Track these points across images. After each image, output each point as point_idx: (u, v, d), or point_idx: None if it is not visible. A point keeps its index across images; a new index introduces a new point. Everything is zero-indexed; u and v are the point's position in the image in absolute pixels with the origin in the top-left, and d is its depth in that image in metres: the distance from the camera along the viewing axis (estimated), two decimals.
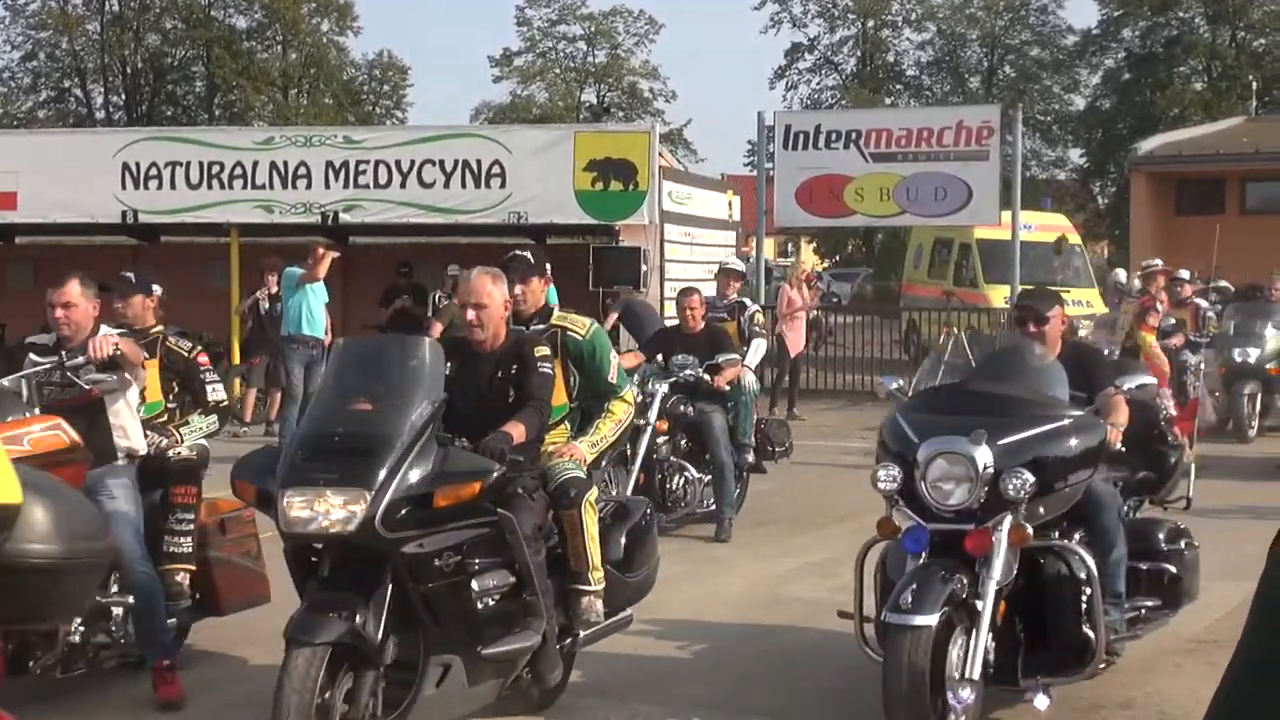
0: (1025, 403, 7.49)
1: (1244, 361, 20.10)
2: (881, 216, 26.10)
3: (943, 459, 7.15)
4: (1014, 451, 7.15)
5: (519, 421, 7.17)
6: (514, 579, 7.15)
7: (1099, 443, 7.46)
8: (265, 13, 73.62)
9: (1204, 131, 47.42)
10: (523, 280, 8.67)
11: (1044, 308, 8.23)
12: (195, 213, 22.50)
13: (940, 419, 7.41)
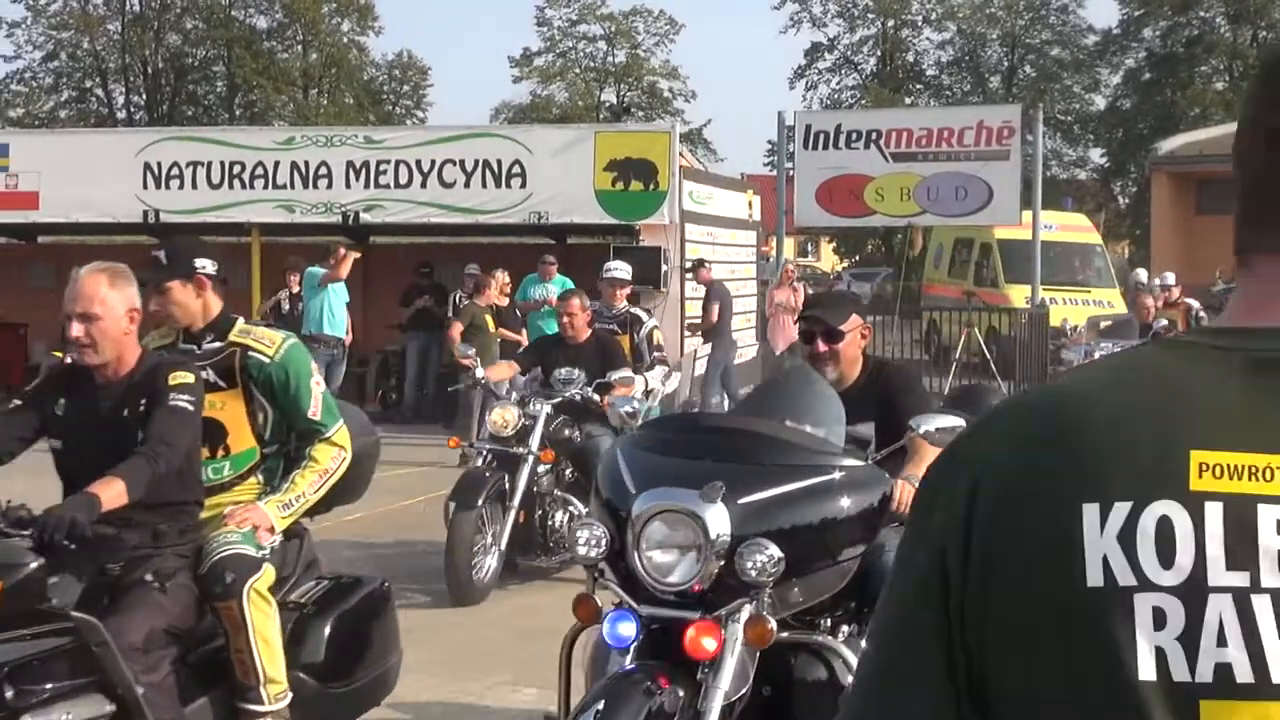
0: (783, 446, 5.62)
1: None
2: (902, 216, 26.05)
3: (661, 520, 5.25)
4: (760, 513, 5.28)
5: (116, 477, 5.31)
6: (113, 707, 5.28)
7: (880, 502, 5.57)
8: (286, 13, 73.74)
9: (1225, 131, 47.19)
10: (158, 287, 6.63)
11: (836, 318, 6.56)
12: (216, 212, 22.53)
13: (668, 462, 5.52)
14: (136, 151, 22.70)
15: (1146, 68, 70.65)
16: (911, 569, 1.58)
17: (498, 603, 10.85)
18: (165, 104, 73.68)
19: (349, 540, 12.47)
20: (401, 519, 14.03)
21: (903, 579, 1.60)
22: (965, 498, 1.51)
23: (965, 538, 1.50)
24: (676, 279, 21.23)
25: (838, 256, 74.46)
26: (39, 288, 26.27)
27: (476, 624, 10.16)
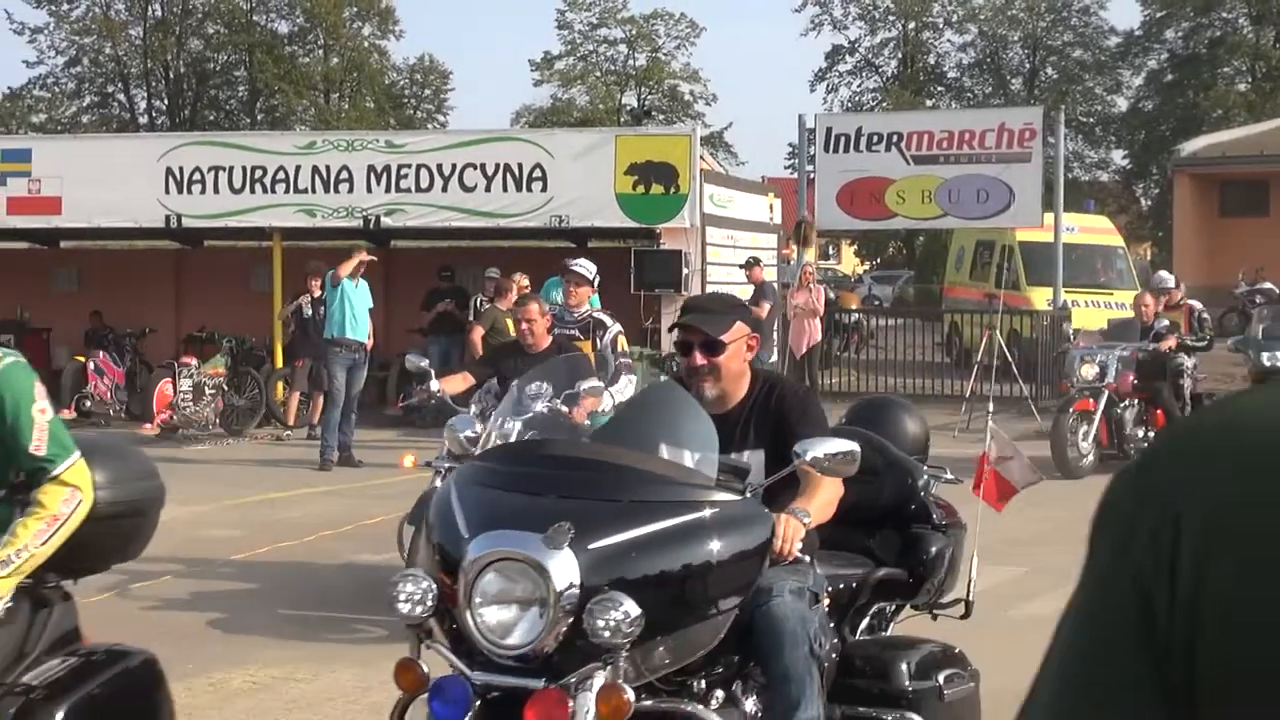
0: (644, 479, 4.85)
1: (1273, 365, 19.81)
2: (923, 219, 26.02)
3: (498, 570, 4.47)
4: (615, 559, 4.50)
5: None
6: None
7: (760, 545, 4.78)
8: (307, 17, 73.87)
9: (1248, 133, 47.18)
10: None
11: (715, 326, 5.63)
12: (238, 217, 22.57)
13: (509, 500, 4.76)
14: (158, 156, 22.75)
15: (1169, 69, 70.45)
16: (1101, 618, 1.43)
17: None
18: (187, 109, 73.89)
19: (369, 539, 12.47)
20: None
21: (1089, 629, 1.44)
22: (1170, 532, 1.33)
23: (1174, 579, 1.32)
24: (697, 282, 21.22)
25: (859, 259, 74.38)
26: (62, 292, 26.42)
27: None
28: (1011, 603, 10.37)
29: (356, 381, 18.35)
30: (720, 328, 5.63)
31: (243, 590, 10.84)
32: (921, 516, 6.34)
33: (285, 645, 9.18)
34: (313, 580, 11.19)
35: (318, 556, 12.06)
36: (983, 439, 7.85)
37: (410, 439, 20.50)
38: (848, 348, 28.63)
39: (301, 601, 10.44)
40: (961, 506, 6.76)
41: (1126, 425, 17.77)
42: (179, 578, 11.19)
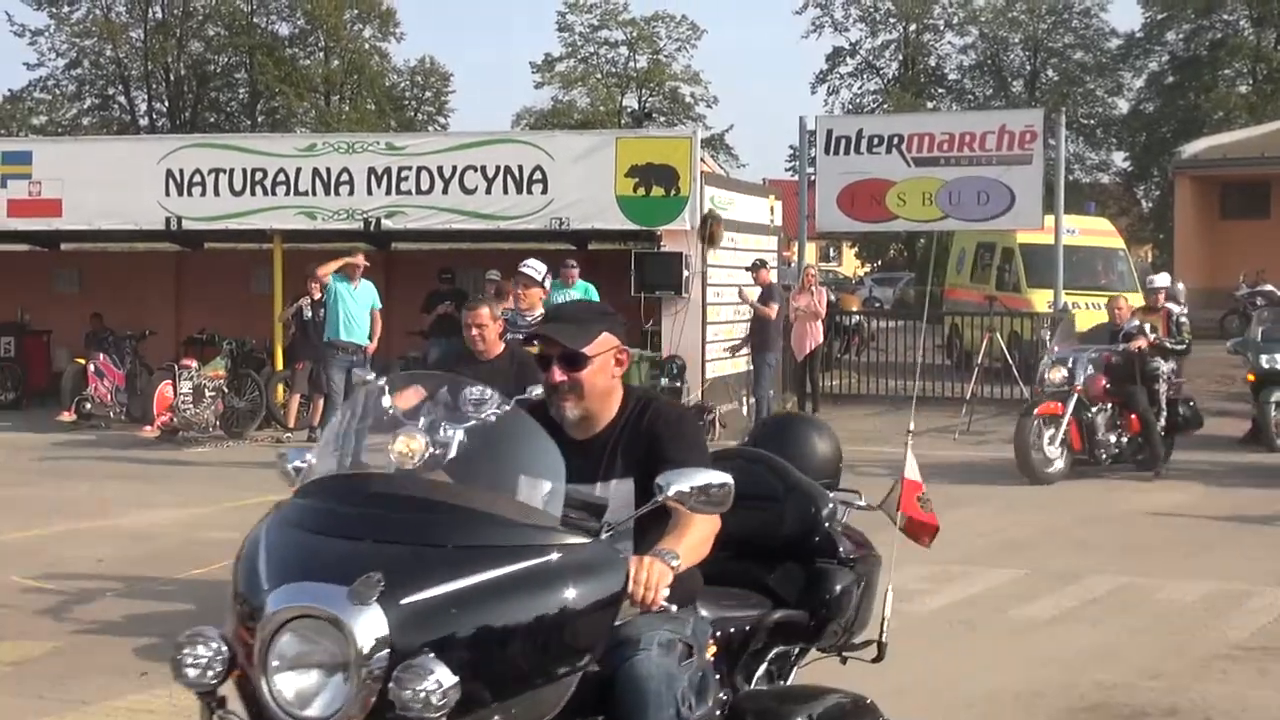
0: (475, 520, 4.20)
1: (1272, 368, 19.69)
2: (924, 221, 26.00)
3: (295, 629, 3.90)
4: (433, 616, 3.91)
5: None
6: None
7: (612, 595, 4.15)
8: (307, 19, 73.91)
9: (1249, 135, 47.16)
10: None
11: (577, 338, 4.89)
12: (238, 219, 22.57)
13: (318, 545, 4.14)
14: (159, 158, 22.75)
15: (1169, 71, 70.47)
16: None
17: None
18: (188, 111, 73.94)
19: None
20: None
21: None
22: None
23: None
24: (697, 284, 21.21)
25: (860, 261, 74.40)
26: (62, 294, 26.43)
27: None
28: (1011, 605, 10.37)
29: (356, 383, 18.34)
30: (582, 339, 4.87)
31: None
32: (826, 549, 5.66)
33: None
34: None
35: None
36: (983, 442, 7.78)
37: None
38: (848, 350, 28.61)
39: None
40: (881, 535, 6.14)
41: (1098, 430, 17.28)
42: (179, 581, 11.18)
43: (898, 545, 6.23)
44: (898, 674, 8.56)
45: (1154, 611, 10.17)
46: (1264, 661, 8.83)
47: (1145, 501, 15.45)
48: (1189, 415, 18.37)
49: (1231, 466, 18.10)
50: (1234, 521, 14.16)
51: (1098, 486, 16.58)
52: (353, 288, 19.12)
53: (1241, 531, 13.66)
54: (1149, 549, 12.74)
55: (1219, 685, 8.36)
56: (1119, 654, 9.03)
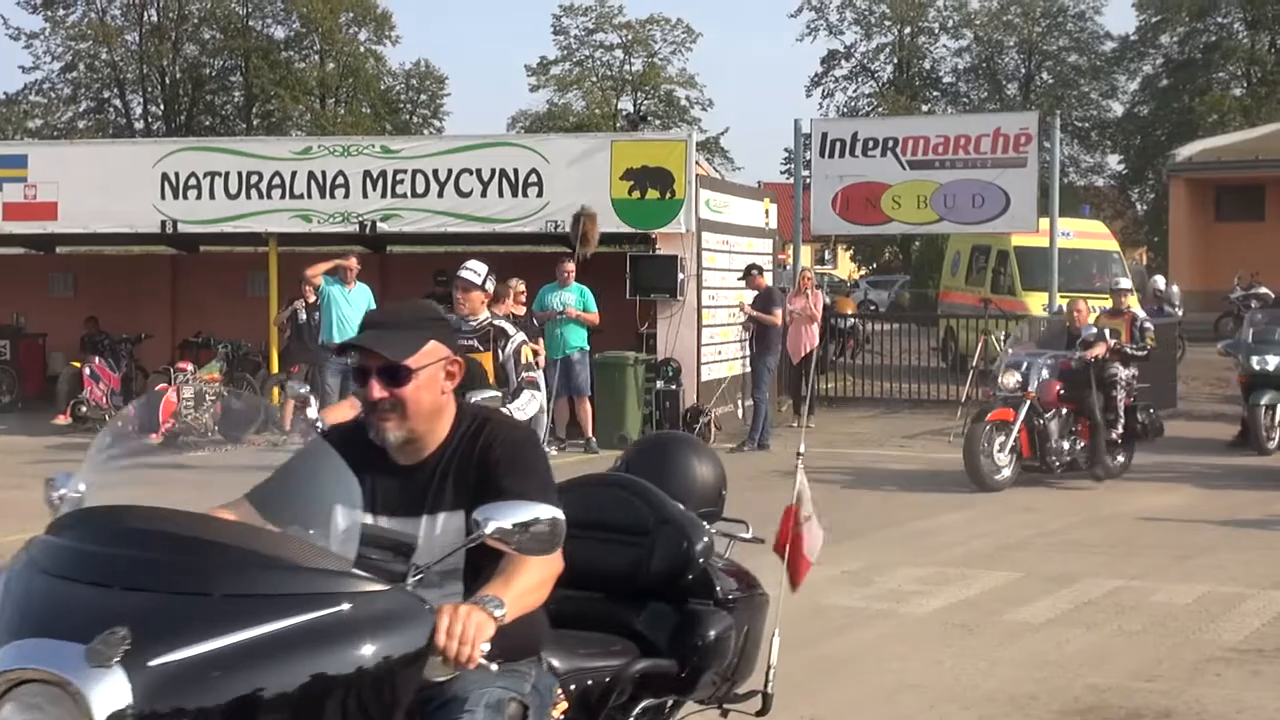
0: (248, 562, 3.60)
1: (1263, 369, 19.62)
2: (919, 224, 26.03)
3: (17, 698, 3.28)
4: (191, 680, 3.29)
5: None
6: None
7: (416, 650, 3.60)
8: (303, 22, 73.89)
9: (1243, 137, 47.23)
10: None
11: (398, 348, 4.23)
12: (234, 222, 22.57)
13: (61, 592, 3.50)
14: (154, 162, 22.75)
15: (1164, 74, 70.57)
16: None
17: None
18: (183, 114, 73.92)
19: None
20: None
21: None
22: None
23: None
24: (693, 287, 21.23)
25: (855, 264, 74.45)
26: (58, 297, 26.44)
27: None
28: (1006, 607, 10.38)
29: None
30: (405, 348, 4.23)
31: None
32: (701, 589, 5.02)
33: None
34: None
35: None
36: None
37: None
38: (844, 353, 28.63)
39: None
40: (772, 571, 5.67)
41: (1050, 437, 16.70)
42: None
43: (785, 584, 5.66)
44: (893, 675, 8.60)
45: (1149, 614, 10.19)
46: (1258, 664, 8.85)
47: (1140, 504, 15.47)
48: (1148, 423, 17.74)
49: (1225, 469, 18.11)
50: (1228, 524, 14.18)
51: (1093, 488, 16.59)
52: (347, 290, 19.12)
53: (1236, 534, 13.68)
54: (1144, 552, 12.77)
55: (1213, 688, 8.38)
56: (1114, 656, 9.05)
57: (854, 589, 11.08)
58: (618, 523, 4.96)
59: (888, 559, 12.23)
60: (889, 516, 14.29)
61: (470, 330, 10.44)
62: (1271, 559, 12.28)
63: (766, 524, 5.86)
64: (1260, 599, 10.63)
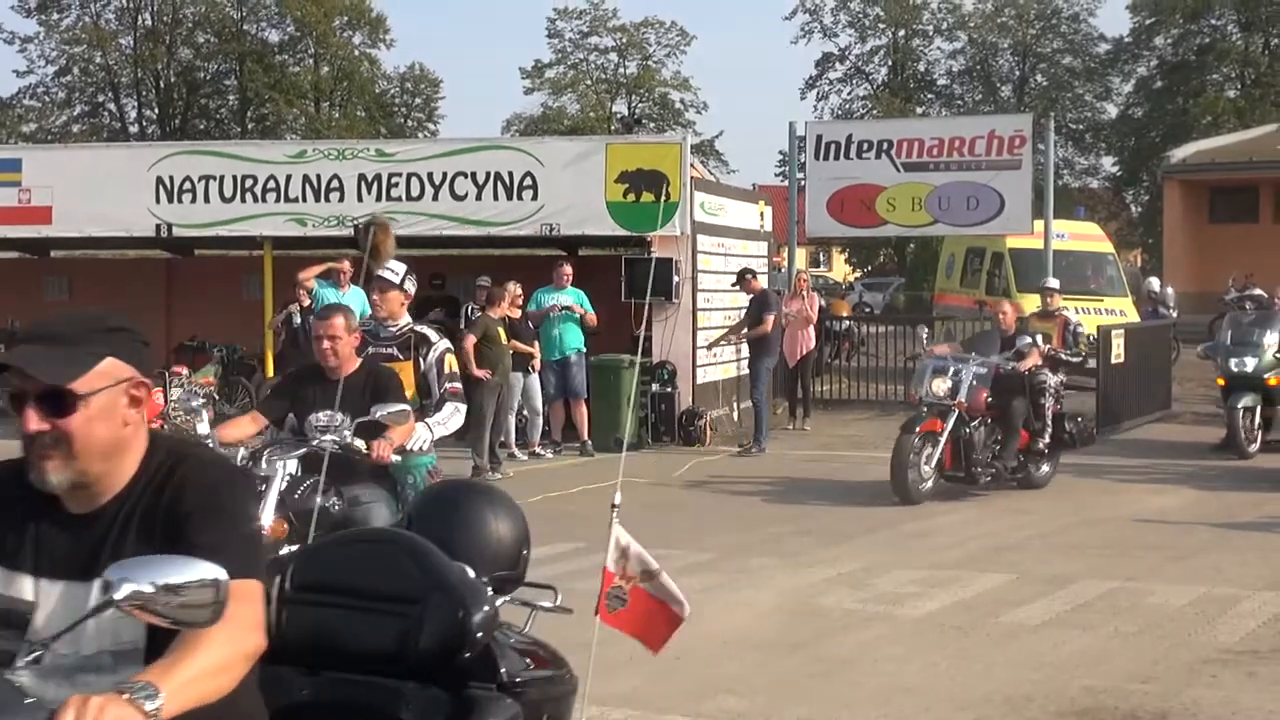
0: None
1: (1241, 371, 19.18)
2: (914, 226, 26.05)
3: None
4: None
5: None
6: None
7: None
8: (297, 26, 73.92)
9: (1237, 139, 47.28)
10: None
11: (63, 369, 3.28)
12: (228, 226, 22.57)
13: None
14: (149, 166, 22.75)
15: (1158, 76, 70.67)
16: None
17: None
18: (177, 118, 73.92)
19: None
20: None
21: None
22: None
23: None
24: (688, 290, 21.23)
25: (850, 267, 74.49)
26: (52, 301, 26.40)
27: None
28: (1002, 609, 10.39)
29: None
30: (71, 369, 3.30)
31: None
32: (482, 670, 4.11)
33: None
34: None
35: None
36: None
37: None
38: (839, 355, 28.63)
39: None
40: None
41: (976, 447, 15.80)
42: None
43: (594, 653, 4.88)
44: (889, 677, 8.60)
45: (1144, 616, 10.19)
46: (1254, 665, 8.85)
47: (1134, 506, 15.47)
48: (1076, 432, 16.77)
49: (1219, 470, 18.12)
50: (1223, 525, 14.19)
51: (1089, 489, 16.60)
52: (340, 294, 19.02)
53: (1231, 535, 13.69)
54: (1139, 553, 12.78)
55: (1209, 689, 8.39)
56: (1109, 658, 9.06)
57: (849, 591, 11.08)
58: (381, 589, 4.08)
59: (883, 561, 12.24)
60: (884, 519, 14.30)
61: (389, 337, 9.59)
62: (1267, 560, 12.29)
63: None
64: (1255, 600, 10.63)
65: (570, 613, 4.93)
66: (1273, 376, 19.17)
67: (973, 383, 15.79)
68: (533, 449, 19.55)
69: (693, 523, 14.52)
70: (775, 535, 13.64)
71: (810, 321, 22.49)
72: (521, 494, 15.71)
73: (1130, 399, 22.80)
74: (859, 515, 14.71)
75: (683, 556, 12.44)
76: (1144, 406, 23.38)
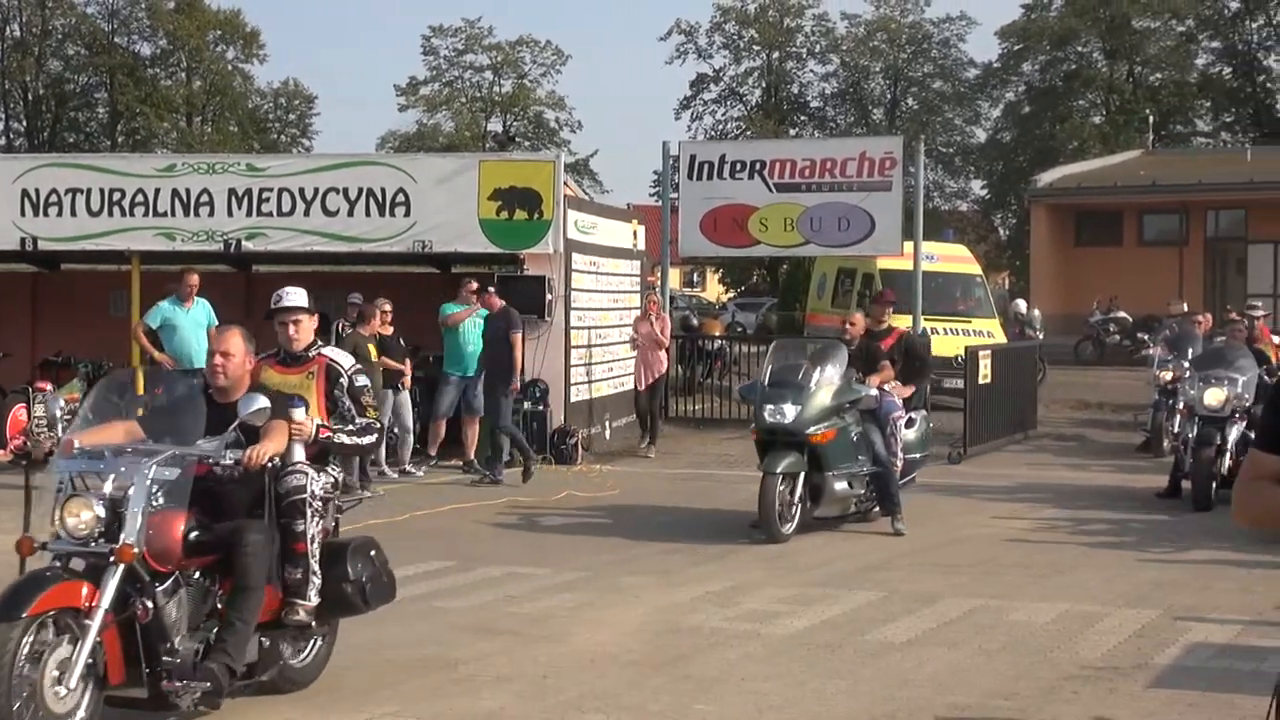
0: None
1: (778, 423, 14.54)
2: (786, 246, 26.22)
3: None
4: None
5: None
6: None
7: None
8: (169, 40, 73.14)
9: (1102, 164, 48.20)
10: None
11: None
12: (96, 240, 22.24)
13: None
14: (14, 178, 22.36)
15: (1026, 101, 71.78)
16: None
17: None
18: (46, 130, 72.85)
19: None
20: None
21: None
22: None
23: None
24: (560, 308, 21.22)
25: (723, 286, 74.84)
26: None
27: None
28: (869, 627, 10.47)
29: None
30: None
31: None
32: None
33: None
34: None
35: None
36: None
37: None
38: (711, 374, 28.74)
39: None
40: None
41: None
42: None
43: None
44: (756, 695, 8.64)
45: (1008, 633, 10.32)
46: (1114, 681, 8.99)
47: (1001, 525, 15.66)
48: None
49: (1085, 490, 18.40)
50: (1085, 544, 14.41)
51: (955, 509, 16.78)
52: (185, 308, 18.68)
53: (1093, 553, 13.90)
54: (1004, 571, 12.93)
55: (1070, 705, 8.50)
56: (973, 675, 9.15)
57: (718, 609, 11.12)
58: None
59: (752, 580, 12.29)
60: (754, 537, 14.36)
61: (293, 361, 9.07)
62: (1127, 578, 12.49)
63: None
64: (1117, 617, 10.80)
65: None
66: (820, 430, 14.39)
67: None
68: (403, 467, 19.42)
69: (563, 541, 14.52)
70: (645, 554, 13.66)
71: (662, 345, 22.26)
72: (391, 512, 15.72)
73: (997, 419, 23.09)
74: (729, 534, 14.75)
75: (553, 575, 12.44)
76: (1010, 427, 23.70)
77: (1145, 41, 68.99)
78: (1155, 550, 13.97)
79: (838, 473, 14.56)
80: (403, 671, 9.08)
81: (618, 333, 23.12)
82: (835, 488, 14.59)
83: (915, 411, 16.06)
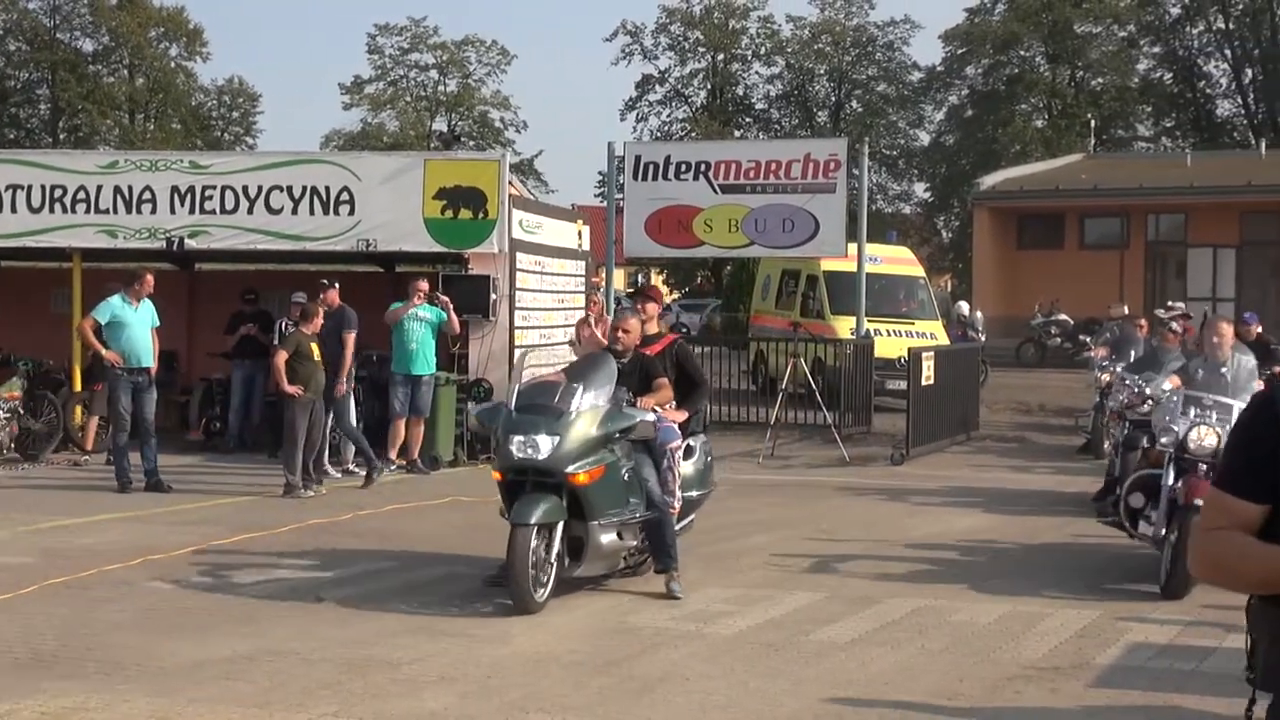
0: None
1: (528, 459, 11.12)
2: (730, 247, 26.27)
3: None
4: None
5: None
6: None
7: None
8: (112, 36, 72.66)
9: (1044, 168, 48.45)
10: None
11: None
12: (36, 236, 22.08)
13: None
14: None
15: (969, 105, 72.13)
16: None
17: None
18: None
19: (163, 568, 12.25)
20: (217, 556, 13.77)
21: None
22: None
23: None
24: (505, 308, 21.18)
25: (668, 287, 74.90)
26: None
27: None
28: (812, 627, 10.49)
29: (145, 405, 17.78)
30: None
31: (36, 618, 10.56)
32: None
33: (77, 675, 8.97)
34: (107, 609, 10.96)
35: (112, 585, 11.82)
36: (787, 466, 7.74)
37: (212, 466, 20.19)
38: None
39: (94, 630, 10.21)
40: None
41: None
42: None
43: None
44: (701, 695, 8.64)
45: (951, 633, 10.36)
46: (1056, 680, 9.03)
47: (944, 526, 15.72)
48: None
49: (1024, 491, 18.51)
50: (1027, 545, 14.50)
51: (897, 510, 16.85)
52: (133, 307, 18.45)
53: (1035, 554, 13.98)
54: (947, 572, 12.98)
55: (1013, 704, 8.54)
56: (916, 675, 9.18)
57: (661, 609, 11.11)
58: None
59: (695, 579, 12.28)
60: (696, 538, 14.34)
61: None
62: (1069, 578, 12.56)
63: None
64: (1059, 617, 10.86)
65: None
66: (583, 468, 11.11)
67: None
68: (346, 466, 19.33)
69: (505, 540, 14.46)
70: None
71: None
72: (332, 512, 15.66)
73: (939, 421, 23.19)
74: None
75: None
76: (952, 428, 23.81)
77: (1087, 46, 69.47)
78: (1094, 551, 14.07)
79: (605, 522, 11.28)
80: (343, 672, 9.04)
81: (562, 333, 23.09)
82: (602, 541, 11.29)
83: (694, 438, 12.72)
